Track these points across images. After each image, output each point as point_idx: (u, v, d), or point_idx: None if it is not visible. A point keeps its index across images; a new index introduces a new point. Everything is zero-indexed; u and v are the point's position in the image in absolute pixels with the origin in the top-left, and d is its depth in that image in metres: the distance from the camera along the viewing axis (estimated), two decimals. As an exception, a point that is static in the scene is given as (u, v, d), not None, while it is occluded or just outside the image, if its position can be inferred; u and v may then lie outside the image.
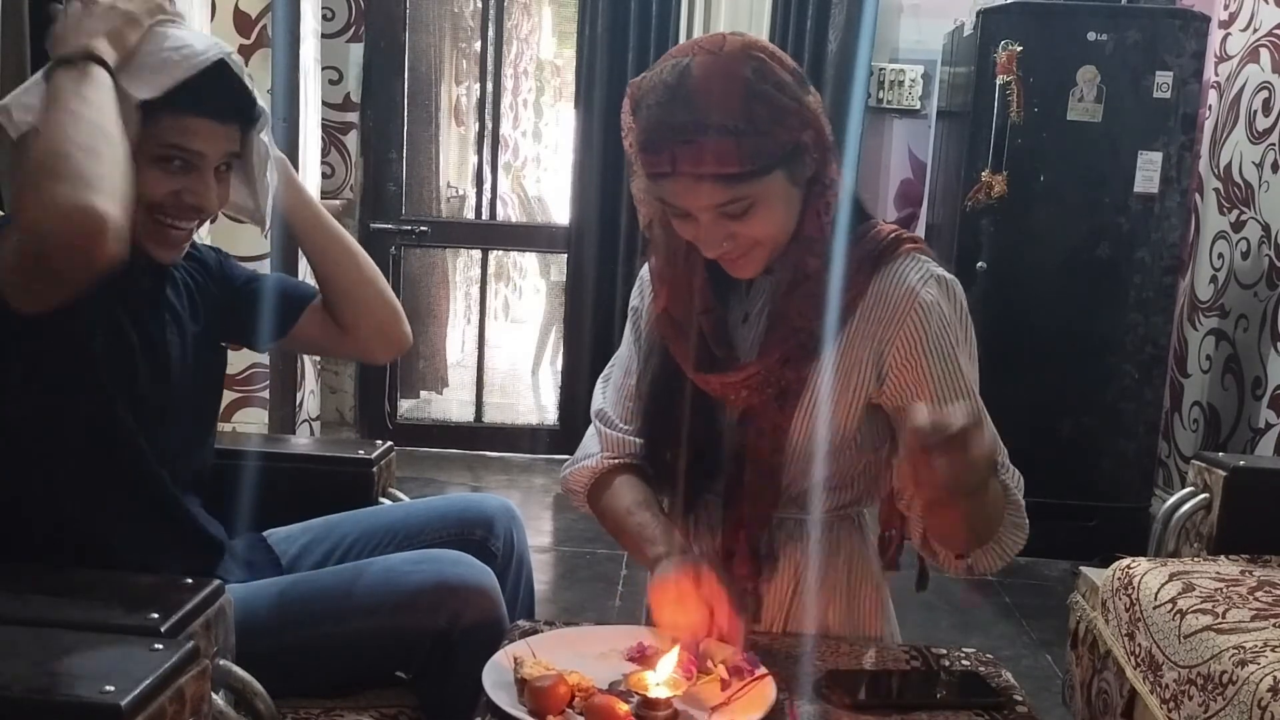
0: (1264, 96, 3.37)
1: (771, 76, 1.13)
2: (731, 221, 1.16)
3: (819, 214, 1.20)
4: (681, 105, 1.11)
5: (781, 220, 1.19)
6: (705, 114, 1.10)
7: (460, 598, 1.35)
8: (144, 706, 0.85)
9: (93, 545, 1.29)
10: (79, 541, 1.28)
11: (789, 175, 1.17)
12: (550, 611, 2.78)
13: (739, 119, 1.10)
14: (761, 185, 1.14)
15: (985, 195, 3.40)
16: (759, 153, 1.12)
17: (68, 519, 1.29)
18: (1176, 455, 3.73)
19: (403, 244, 4.25)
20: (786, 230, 1.20)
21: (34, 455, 1.27)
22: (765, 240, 1.19)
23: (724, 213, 1.15)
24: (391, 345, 1.58)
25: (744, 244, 1.19)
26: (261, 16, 3.18)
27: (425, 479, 3.93)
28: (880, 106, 4.09)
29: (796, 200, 1.20)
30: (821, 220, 1.20)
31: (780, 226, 1.19)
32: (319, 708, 1.34)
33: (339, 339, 1.55)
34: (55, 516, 1.29)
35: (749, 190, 1.13)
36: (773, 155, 1.13)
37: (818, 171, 1.19)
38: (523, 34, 6.94)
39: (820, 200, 1.20)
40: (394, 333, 1.56)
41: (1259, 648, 1.57)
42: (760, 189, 1.14)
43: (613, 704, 1.08)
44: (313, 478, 1.73)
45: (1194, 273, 3.71)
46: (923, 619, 2.99)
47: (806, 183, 1.19)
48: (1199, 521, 2.07)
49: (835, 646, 1.36)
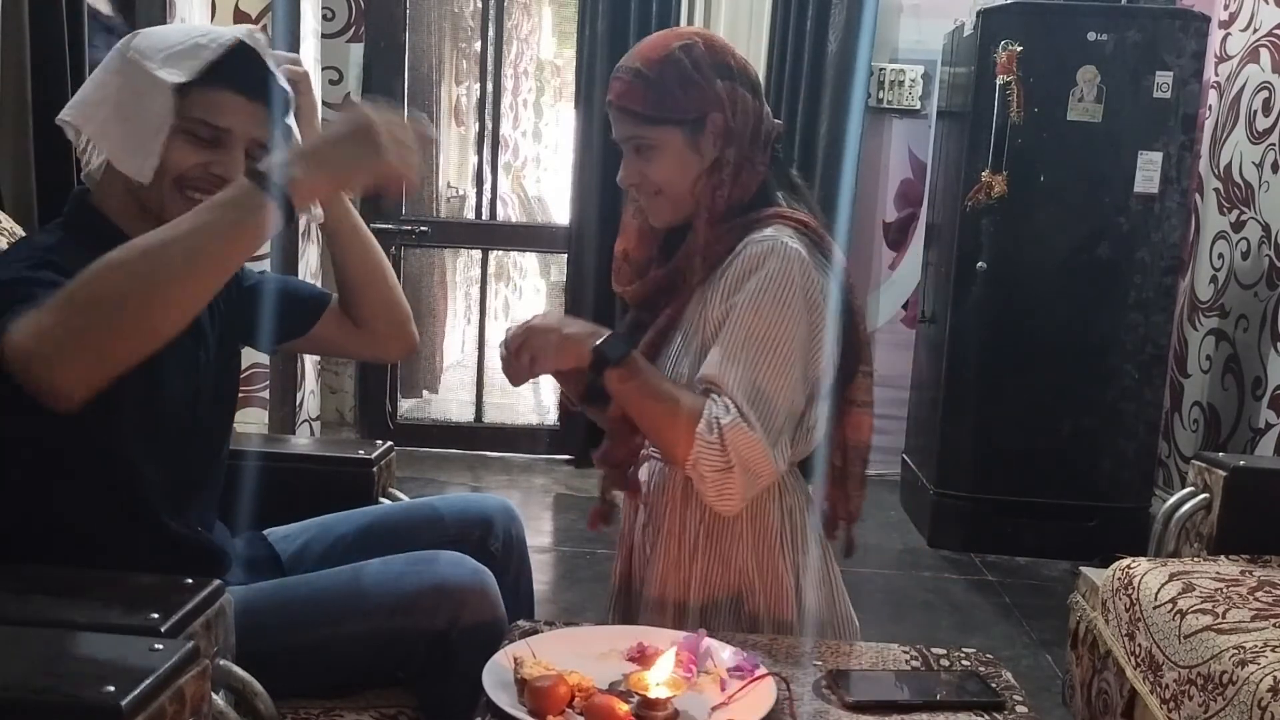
0: (1264, 96, 3.37)
1: (693, 55, 1.40)
2: (640, 160, 1.43)
3: (715, 188, 1.42)
4: (627, 56, 1.45)
5: (676, 175, 1.42)
6: (632, 61, 1.42)
7: (459, 599, 1.35)
8: (144, 706, 0.85)
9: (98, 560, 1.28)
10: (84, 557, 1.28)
11: (688, 139, 1.41)
12: (550, 611, 2.78)
13: (651, 71, 1.40)
14: (660, 133, 1.41)
15: (985, 195, 3.40)
16: (660, 104, 1.40)
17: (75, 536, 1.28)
18: (1176, 455, 3.74)
19: (403, 244, 4.25)
20: (682, 187, 1.43)
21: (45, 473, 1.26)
22: (665, 190, 1.43)
23: (635, 147, 1.43)
24: (406, 344, 1.64)
25: (649, 188, 1.44)
26: (261, 16, 3.19)
27: (425, 479, 3.93)
28: (880, 106, 4.09)
29: (693, 167, 1.42)
30: (715, 194, 1.42)
31: (676, 180, 1.43)
32: (319, 708, 1.34)
33: (356, 339, 1.59)
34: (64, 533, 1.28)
35: (651, 134, 1.41)
36: (672, 111, 1.40)
37: (722, 154, 1.41)
38: (523, 34, 6.93)
39: (717, 177, 1.42)
40: (408, 331, 1.63)
41: (1259, 648, 1.57)
42: (660, 136, 1.41)
43: (613, 704, 1.08)
44: (313, 478, 1.73)
45: (1194, 273, 3.71)
46: (923, 619, 2.99)
47: (713, 161, 1.42)
48: (1199, 522, 2.07)
49: (835, 647, 1.37)
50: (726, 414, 1.30)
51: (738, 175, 1.42)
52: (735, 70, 1.43)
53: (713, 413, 1.31)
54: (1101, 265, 3.44)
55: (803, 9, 3.88)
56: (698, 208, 1.43)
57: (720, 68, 1.41)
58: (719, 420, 1.30)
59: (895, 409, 4.15)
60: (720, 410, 1.31)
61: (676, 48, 1.41)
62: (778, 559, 1.45)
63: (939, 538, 3.60)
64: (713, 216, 1.42)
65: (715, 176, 1.42)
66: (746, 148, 1.42)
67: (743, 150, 1.42)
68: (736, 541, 1.45)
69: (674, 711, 1.11)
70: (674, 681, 1.12)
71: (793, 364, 1.35)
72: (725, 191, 1.42)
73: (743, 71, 1.44)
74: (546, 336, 1.37)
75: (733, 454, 1.29)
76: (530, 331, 1.37)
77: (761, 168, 1.45)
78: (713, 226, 1.42)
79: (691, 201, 1.44)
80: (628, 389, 1.35)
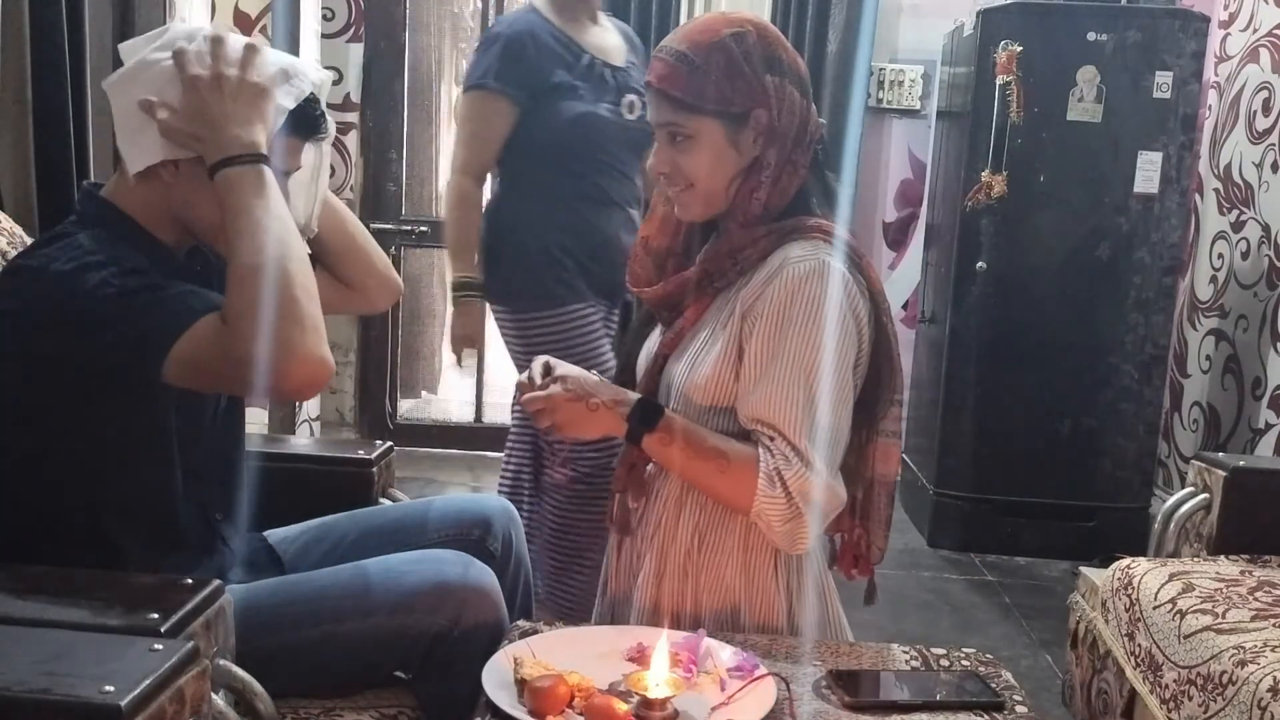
0: (1264, 97, 3.37)
1: (745, 45, 1.33)
2: (674, 150, 1.36)
3: (752, 190, 1.36)
4: (672, 36, 1.38)
5: (712, 170, 1.36)
6: (678, 43, 1.35)
7: (460, 598, 1.35)
8: (144, 706, 0.85)
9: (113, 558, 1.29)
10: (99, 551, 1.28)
11: (728, 134, 1.34)
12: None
13: (698, 56, 1.32)
14: (699, 123, 1.34)
15: (985, 195, 3.40)
16: (701, 92, 1.32)
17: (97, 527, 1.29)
18: (1176, 455, 3.74)
19: (402, 244, 4.25)
20: (717, 184, 1.37)
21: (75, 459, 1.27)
22: (698, 184, 1.37)
23: (670, 134, 1.36)
24: (392, 292, 1.69)
25: (680, 181, 1.38)
26: (261, 16, 3.19)
27: (425, 479, 3.93)
28: (880, 106, 4.09)
29: (730, 164, 1.36)
30: (752, 196, 1.36)
31: (710, 175, 1.36)
32: (319, 708, 1.34)
33: (346, 298, 1.63)
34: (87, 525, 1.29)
35: (689, 123, 1.34)
36: (714, 102, 1.33)
37: (763, 154, 1.35)
38: (523, 34, 6.93)
39: (755, 179, 1.36)
40: (392, 280, 1.68)
41: (1259, 648, 1.57)
42: (697, 126, 1.34)
43: (613, 704, 1.08)
44: (313, 478, 1.73)
45: (1194, 273, 3.71)
46: (923, 619, 2.99)
47: (753, 160, 1.35)
48: (1199, 522, 2.07)
49: (835, 647, 1.36)
50: (789, 465, 1.27)
51: (778, 178, 1.36)
52: (786, 65, 1.35)
53: (771, 465, 1.28)
54: (1101, 265, 3.44)
55: (803, 9, 3.88)
56: (731, 208, 1.38)
57: (771, 61, 1.34)
58: (780, 472, 1.27)
59: (895, 409, 4.15)
60: (781, 461, 1.28)
61: (728, 35, 1.33)
62: (768, 579, 1.40)
63: (939, 538, 3.60)
64: (747, 219, 1.36)
65: (754, 177, 1.36)
66: (789, 149, 1.36)
67: (785, 151, 1.35)
68: (726, 557, 1.40)
69: (674, 711, 1.11)
70: (674, 681, 1.12)
71: (846, 392, 1.32)
72: (763, 194, 1.35)
73: (794, 67, 1.36)
74: (572, 409, 1.34)
75: (800, 502, 1.27)
76: (554, 403, 1.34)
77: (803, 171, 1.38)
78: (746, 230, 1.36)
79: (725, 200, 1.38)
80: (669, 453, 1.33)
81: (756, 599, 1.41)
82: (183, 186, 1.31)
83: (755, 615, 1.41)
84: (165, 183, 1.30)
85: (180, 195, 1.31)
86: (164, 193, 1.31)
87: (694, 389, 1.38)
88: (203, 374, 1.22)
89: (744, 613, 1.41)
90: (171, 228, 1.34)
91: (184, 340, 1.19)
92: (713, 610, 1.41)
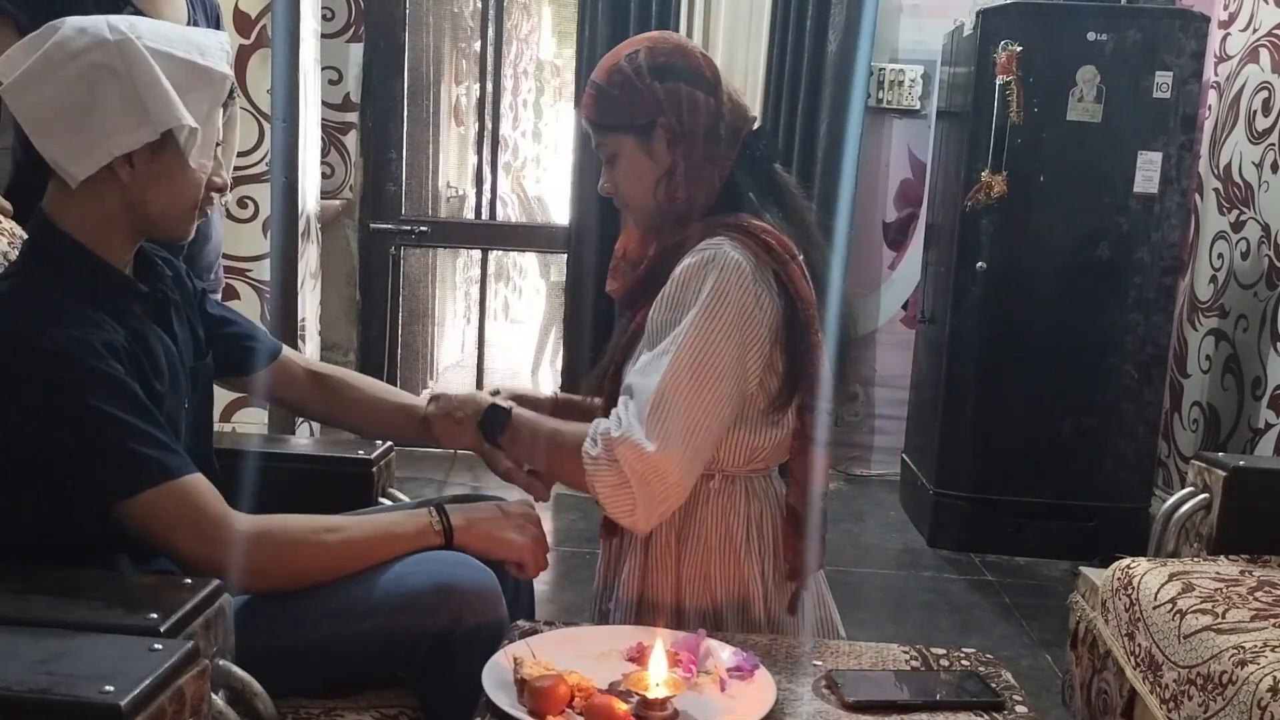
0: (1264, 96, 3.37)
1: (635, 62, 1.43)
2: (610, 170, 1.48)
3: (672, 191, 1.44)
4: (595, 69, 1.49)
5: (636, 181, 1.46)
6: (594, 75, 1.47)
7: (461, 598, 1.35)
8: (144, 706, 0.85)
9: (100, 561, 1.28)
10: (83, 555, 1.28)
11: (640, 145, 1.44)
12: (550, 611, 2.78)
13: (603, 82, 1.45)
14: (616, 141, 1.45)
15: (985, 195, 3.40)
16: (608, 112, 1.45)
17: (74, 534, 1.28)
18: (1176, 455, 3.74)
19: (402, 244, 4.25)
20: (644, 192, 1.46)
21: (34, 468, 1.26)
22: (629, 197, 1.48)
23: (603, 155, 1.48)
24: None
25: (621, 197, 1.49)
26: (261, 16, 3.19)
27: (425, 479, 3.93)
28: (880, 106, 4.09)
29: (649, 172, 1.44)
30: (674, 197, 1.44)
31: (636, 186, 1.46)
32: (319, 708, 1.34)
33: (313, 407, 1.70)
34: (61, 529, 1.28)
35: (608, 142, 1.46)
36: (622, 118, 1.44)
37: (675, 163, 1.43)
38: (523, 34, 6.94)
39: (670, 183, 1.43)
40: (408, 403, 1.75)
41: (1259, 648, 1.57)
42: (616, 143, 1.45)
43: (613, 704, 1.08)
44: (313, 478, 1.73)
45: (1194, 273, 3.71)
46: (922, 619, 2.99)
47: (669, 165, 1.43)
48: (1199, 521, 2.07)
49: (835, 647, 1.37)
50: (616, 427, 1.29)
51: (697, 175, 1.42)
52: (681, 70, 1.42)
53: (598, 429, 1.31)
54: (1101, 265, 3.44)
55: (803, 9, 3.88)
56: (662, 211, 1.45)
57: (662, 70, 1.41)
58: (608, 433, 1.29)
59: (895, 409, 4.16)
60: (612, 422, 1.30)
61: (623, 56, 1.44)
62: (744, 569, 1.43)
63: (938, 538, 3.60)
64: (679, 219, 1.43)
65: (673, 179, 1.43)
66: (701, 145, 1.42)
67: (696, 150, 1.42)
68: (705, 550, 1.44)
69: (674, 711, 1.11)
70: (674, 681, 1.12)
71: (724, 381, 1.31)
72: (683, 193, 1.42)
73: (694, 70, 1.43)
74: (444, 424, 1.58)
75: (625, 467, 1.27)
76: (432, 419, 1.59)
77: (725, 164, 1.43)
78: (677, 229, 1.43)
79: (655, 206, 1.45)
80: (527, 449, 1.42)
81: (733, 590, 1.44)
82: (140, 180, 1.26)
83: (734, 609, 1.44)
84: (120, 183, 1.26)
85: (138, 191, 1.27)
86: (114, 197, 1.27)
87: None
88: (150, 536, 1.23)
89: (724, 605, 1.44)
90: (120, 241, 1.31)
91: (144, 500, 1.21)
92: (695, 604, 1.44)
